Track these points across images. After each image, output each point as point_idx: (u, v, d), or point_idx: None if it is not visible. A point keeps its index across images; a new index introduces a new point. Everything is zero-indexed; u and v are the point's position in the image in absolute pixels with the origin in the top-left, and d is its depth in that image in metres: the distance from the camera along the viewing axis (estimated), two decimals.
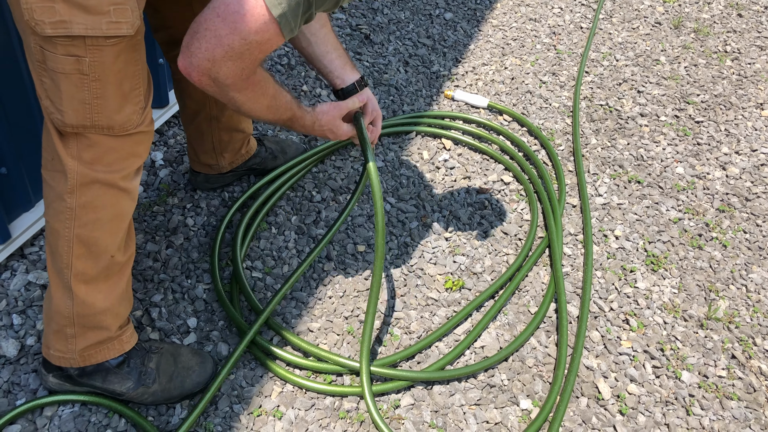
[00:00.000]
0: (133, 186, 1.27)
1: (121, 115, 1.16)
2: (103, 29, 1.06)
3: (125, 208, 1.28)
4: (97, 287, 1.30)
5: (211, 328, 1.65)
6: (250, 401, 1.51)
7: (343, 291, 1.80)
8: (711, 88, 2.84)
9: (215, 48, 1.10)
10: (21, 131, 1.58)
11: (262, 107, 1.29)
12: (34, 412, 1.42)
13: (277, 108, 1.33)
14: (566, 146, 2.44)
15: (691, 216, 2.18)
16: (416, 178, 2.21)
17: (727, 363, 1.72)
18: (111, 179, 1.22)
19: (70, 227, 1.24)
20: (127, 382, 1.42)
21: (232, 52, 1.11)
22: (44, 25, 1.03)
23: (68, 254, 1.26)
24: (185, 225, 1.90)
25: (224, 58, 1.11)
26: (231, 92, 1.20)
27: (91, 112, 1.13)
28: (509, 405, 1.57)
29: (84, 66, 1.09)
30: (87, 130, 1.16)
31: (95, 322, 1.33)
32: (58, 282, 1.30)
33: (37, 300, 1.63)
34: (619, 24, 3.32)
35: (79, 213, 1.23)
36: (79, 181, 1.20)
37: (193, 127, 1.81)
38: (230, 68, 1.14)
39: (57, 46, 1.06)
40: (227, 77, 1.15)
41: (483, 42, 3.06)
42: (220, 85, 1.17)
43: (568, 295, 1.86)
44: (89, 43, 1.07)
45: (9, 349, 1.51)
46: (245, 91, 1.21)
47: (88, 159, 1.19)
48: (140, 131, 1.22)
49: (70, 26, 1.04)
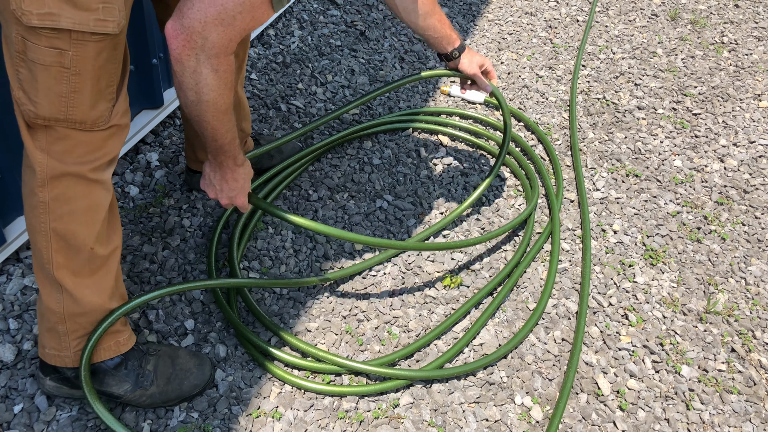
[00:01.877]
0: (104, 177, 1.27)
1: (95, 111, 1.18)
2: (91, 26, 1.08)
3: (99, 199, 1.28)
4: (83, 282, 1.30)
5: (208, 330, 1.65)
6: (248, 402, 1.51)
7: (341, 290, 1.79)
8: (708, 79, 2.83)
9: (209, 7, 1.12)
10: (14, 135, 1.57)
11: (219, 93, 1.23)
12: (31, 416, 1.42)
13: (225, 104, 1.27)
14: (563, 141, 2.43)
15: (689, 209, 2.17)
16: (413, 175, 2.20)
17: (726, 356, 1.72)
18: (80, 171, 1.22)
19: (45, 221, 1.24)
20: (124, 385, 1.41)
21: (225, 14, 1.13)
22: (31, 15, 1.04)
23: (47, 249, 1.26)
24: (182, 226, 1.90)
25: (216, 20, 1.13)
26: (207, 68, 1.17)
27: (66, 106, 1.14)
28: (508, 402, 1.57)
29: (66, 59, 1.10)
30: (59, 123, 1.16)
31: (86, 320, 1.32)
32: (44, 279, 1.30)
33: (33, 304, 1.62)
34: (616, 16, 3.30)
35: (53, 206, 1.23)
36: (49, 174, 1.20)
37: None
38: (219, 34, 1.14)
39: (41, 38, 1.07)
40: (214, 45, 1.15)
41: (479, 37, 3.05)
42: (202, 54, 1.15)
43: (566, 290, 1.85)
44: (74, 38, 1.08)
45: (6, 354, 1.51)
46: (220, 70, 1.19)
47: (58, 151, 1.19)
48: (112, 125, 1.22)
49: (58, 19, 1.05)
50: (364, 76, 2.63)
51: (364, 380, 1.58)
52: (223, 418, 1.47)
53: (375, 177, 2.16)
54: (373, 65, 2.71)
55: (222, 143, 1.35)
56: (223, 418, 1.47)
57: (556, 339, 1.72)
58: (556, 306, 1.80)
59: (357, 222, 1.99)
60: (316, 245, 1.90)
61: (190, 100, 1.23)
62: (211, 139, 1.34)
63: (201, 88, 1.20)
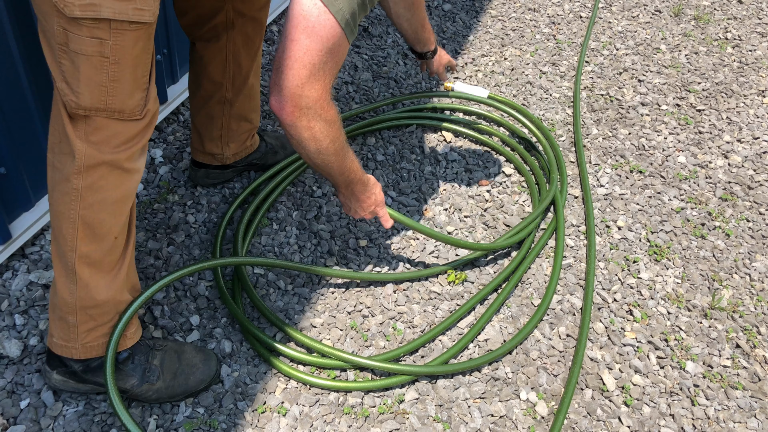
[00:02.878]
0: (137, 166, 1.30)
1: (132, 100, 1.21)
2: (129, 14, 1.11)
3: (129, 190, 1.31)
4: (99, 273, 1.31)
5: (214, 326, 1.65)
6: (254, 398, 1.51)
7: (346, 286, 1.79)
8: (712, 76, 2.83)
9: (299, 70, 1.22)
10: (20, 131, 1.57)
11: (334, 137, 1.35)
12: (37, 411, 1.42)
13: (341, 143, 1.39)
14: (567, 137, 2.43)
15: (693, 205, 2.17)
16: (417, 171, 2.20)
17: (731, 352, 1.72)
18: (117, 160, 1.25)
19: (75, 208, 1.26)
20: (131, 379, 1.41)
21: (314, 68, 1.23)
22: (74, 6, 1.07)
23: (73, 236, 1.27)
24: (186, 222, 1.90)
25: (310, 79, 1.24)
26: (317, 121, 1.29)
27: (106, 95, 1.17)
28: (514, 398, 1.57)
29: (106, 49, 1.12)
30: (99, 113, 1.19)
31: (97, 312, 1.33)
32: (61, 268, 1.31)
33: (39, 300, 1.62)
34: (619, 12, 3.30)
35: (85, 194, 1.25)
36: (87, 163, 1.22)
37: (204, 111, 1.82)
38: (317, 89, 1.26)
39: (82, 28, 1.10)
40: (316, 99, 1.26)
41: (482, 33, 3.04)
42: (308, 112, 1.27)
43: (571, 286, 1.86)
44: (114, 27, 1.11)
45: (12, 349, 1.51)
46: (329, 117, 1.31)
47: (96, 141, 1.22)
48: (146, 112, 1.25)
49: (99, 9, 1.08)
50: (367, 72, 2.63)
51: (369, 376, 1.58)
52: (228, 414, 1.48)
53: (379, 173, 2.16)
54: (376, 61, 2.71)
55: (349, 176, 1.48)
56: (228, 413, 1.48)
57: (561, 335, 1.73)
58: (561, 302, 1.80)
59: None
60: (321, 241, 1.90)
61: (312, 152, 1.35)
62: (339, 175, 1.46)
63: (318, 139, 1.32)
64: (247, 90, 1.83)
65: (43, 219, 1.71)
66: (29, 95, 1.56)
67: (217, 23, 1.68)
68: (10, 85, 1.50)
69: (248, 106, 1.87)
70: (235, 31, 1.70)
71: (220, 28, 1.69)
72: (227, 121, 1.86)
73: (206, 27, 1.68)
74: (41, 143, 1.65)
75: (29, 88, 1.55)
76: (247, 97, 1.84)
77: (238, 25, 1.70)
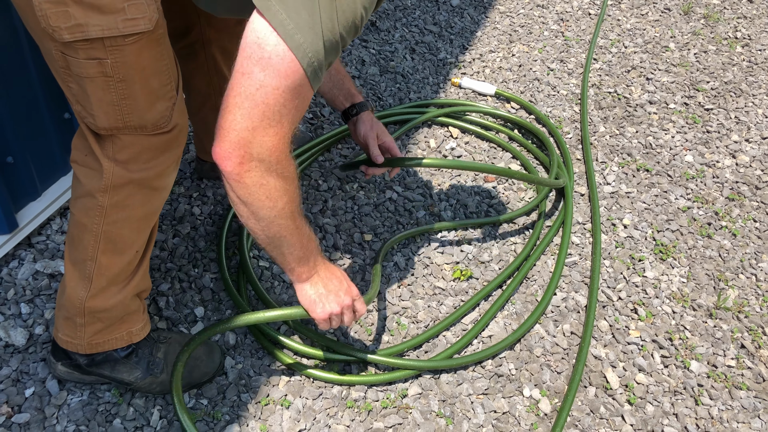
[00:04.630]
0: (166, 184, 1.26)
1: (152, 113, 1.14)
2: (120, 28, 1.02)
3: (155, 207, 1.28)
4: (116, 281, 1.30)
5: (218, 317, 1.65)
6: (257, 390, 1.51)
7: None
8: (721, 75, 2.81)
9: (251, 110, 1.01)
10: (27, 121, 1.57)
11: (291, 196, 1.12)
12: (42, 400, 1.43)
13: (298, 205, 1.16)
14: (574, 134, 2.42)
15: (700, 204, 2.16)
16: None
17: (736, 353, 1.71)
18: (146, 178, 1.20)
19: (99, 223, 1.23)
20: (135, 372, 1.42)
21: (269, 110, 1.02)
22: (61, 30, 1.01)
23: (94, 248, 1.25)
24: (192, 214, 1.90)
25: (263, 121, 1.02)
26: (273, 177, 1.06)
27: (121, 113, 1.11)
28: (517, 394, 1.57)
29: (107, 68, 1.06)
30: (120, 131, 1.14)
31: (106, 315, 1.33)
32: (74, 272, 1.29)
33: (44, 289, 1.63)
34: (628, 10, 3.28)
35: (110, 211, 1.22)
36: (114, 182, 1.18)
37: (199, 117, 1.81)
38: (272, 136, 1.04)
39: (78, 51, 1.03)
40: (271, 149, 1.04)
41: (490, 29, 3.03)
42: (261, 165, 1.04)
43: (576, 284, 1.85)
44: (108, 44, 1.03)
45: (17, 338, 1.52)
46: (287, 173, 1.08)
47: (124, 159, 1.17)
48: (174, 126, 1.19)
49: (86, 29, 1.01)
50: (375, 67, 2.62)
51: (373, 370, 1.58)
52: (232, 406, 1.48)
53: None
54: (383, 56, 2.70)
55: (309, 246, 1.22)
56: (232, 405, 1.48)
57: (565, 332, 1.72)
58: (566, 299, 1.80)
59: (366, 213, 1.99)
60: (326, 235, 1.90)
61: (263, 217, 1.10)
62: (298, 247, 1.19)
63: (273, 199, 1.08)
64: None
65: (49, 209, 1.72)
66: (36, 84, 1.56)
67: (193, 41, 1.61)
68: (17, 74, 1.50)
69: None
70: (213, 47, 1.64)
71: (197, 47, 1.63)
72: None
73: (180, 45, 1.59)
74: (48, 133, 1.65)
75: (36, 76, 1.55)
76: None
77: (215, 41, 1.64)
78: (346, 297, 1.29)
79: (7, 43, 1.45)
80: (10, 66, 1.47)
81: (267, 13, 0.99)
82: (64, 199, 1.75)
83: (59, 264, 1.67)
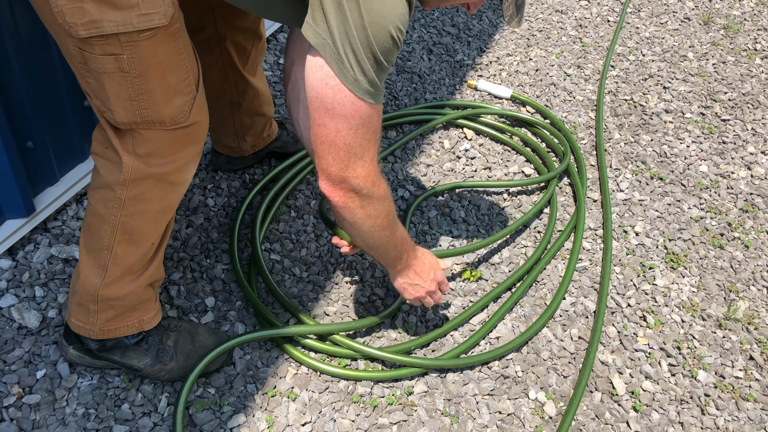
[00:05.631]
0: (185, 178, 1.27)
1: (170, 108, 1.14)
2: (134, 23, 1.03)
3: (173, 201, 1.29)
4: (131, 271, 1.32)
5: (228, 308, 1.67)
6: (264, 381, 1.53)
7: (360, 276, 1.80)
8: (739, 86, 2.80)
9: (337, 153, 1.17)
10: (48, 106, 1.59)
11: (387, 211, 1.30)
12: (53, 382, 1.45)
13: (394, 216, 1.34)
14: (589, 140, 2.42)
15: (713, 215, 2.15)
16: (436, 166, 2.20)
17: (744, 364, 1.71)
18: (165, 173, 1.21)
19: (116, 215, 1.24)
20: (144, 359, 1.43)
21: (352, 148, 1.17)
22: (77, 26, 1.01)
23: (110, 239, 1.26)
24: (206, 205, 1.92)
25: (351, 159, 1.18)
26: (367, 199, 1.24)
27: (139, 108, 1.12)
28: (522, 396, 1.57)
29: (123, 63, 1.06)
30: (139, 126, 1.15)
31: (119, 303, 1.34)
32: (89, 259, 1.31)
33: (59, 273, 1.65)
34: (647, 18, 3.27)
35: (128, 204, 1.23)
36: (133, 176, 1.19)
37: (215, 111, 1.82)
38: (362, 166, 1.20)
39: (94, 47, 1.04)
40: (365, 177, 1.21)
41: (508, 32, 3.03)
42: (359, 192, 1.22)
43: (585, 289, 1.85)
44: (123, 40, 1.04)
45: (31, 320, 1.54)
46: (380, 192, 1.25)
47: (143, 153, 1.18)
48: (193, 122, 1.20)
49: (101, 25, 1.01)
50: (392, 67, 2.63)
51: (380, 366, 1.59)
52: (239, 396, 1.49)
53: (398, 167, 2.17)
54: (400, 56, 2.71)
55: (402, 246, 1.41)
56: (239, 395, 1.49)
57: (573, 337, 1.72)
58: (575, 304, 1.80)
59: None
60: None
61: (365, 231, 1.30)
62: (393, 248, 1.39)
63: (372, 216, 1.27)
64: (252, 90, 1.80)
65: (66, 194, 1.74)
66: (59, 70, 1.58)
67: (208, 37, 1.62)
68: (40, 59, 1.53)
69: (258, 102, 1.85)
70: (227, 42, 1.66)
71: (212, 42, 1.64)
72: (239, 119, 1.85)
73: (194, 40, 1.55)
74: (68, 120, 1.67)
75: (59, 63, 1.57)
76: (254, 96, 1.82)
77: (229, 36, 1.65)
78: (432, 284, 1.50)
79: (31, 31, 1.47)
80: (32, 51, 1.49)
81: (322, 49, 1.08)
82: (81, 185, 1.77)
83: (74, 249, 1.70)
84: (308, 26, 1.09)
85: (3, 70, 1.44)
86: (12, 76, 1.46)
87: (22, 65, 1.47)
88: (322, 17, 1.07)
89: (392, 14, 1.06)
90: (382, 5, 1.05)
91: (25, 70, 1.48)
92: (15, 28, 1.42)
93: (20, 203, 1.60)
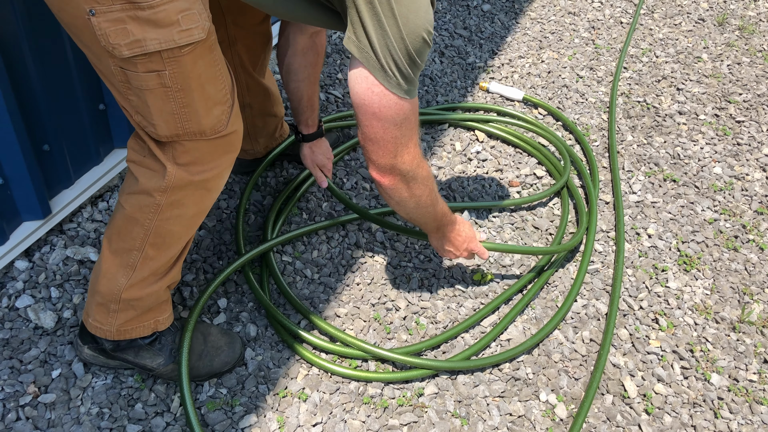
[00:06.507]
0: (221, 185, 1.31)
1: (210, 118, 1.18)
2: (176, 40, 1.07)
3: (206, 206, 1.33)
4: (156, 272, 1.35)
5: (240, 310, 1.68)
6: (276, 382, 1.54)
7: (371, 278, 1.81)
8: (754, 87, 2.77)
9: (386, 147, 1.29)
10: (64, 111, 1.62)
11: (430, 190, 1.44)
12: (68, 382, 1.47)
13: (436, 192, 1.48)
14: (601, 142, 2.41)
15: (727, 217, 2.14)
16: (447, 168, 2.21)
17: (758, 367, 1.69)
18: (204, 180, 1.25)
19: (152, 219, 1.27)
20: (158, 359, 1.45)
21: (398, 139, 1.29)
22: (121, 47, 1.05)
23: (143, 240, 1.29)
24: (218, 208, 1.93)
25: (398, 149, 1.30)
26: (413, 181, 1.37)
27: (181, 121, 1.16)
28: (533, 399, 1.57)
29: (165, 79, 1.10)
30: (181, 138, 1.18)
31: (140, 303, 1.37)
32: (115, 259, 1.33)
33: (74, 275, 1.67)
34: (661, 20, 3.25)
35: (165, 209, 1.26)
36: (175, 184, 1.23)
37: None
38: (408, 153, 1.33)
39: (137, 65, 1.08)
40: (410, 162, 1.34)
41: (520, 34, 3.03)
42: (406, 176, 1.36)
43: (597, 291, 1.84)
44: (166, 56, 1.08)
45: (46, 320, 1.56)
46: (423, 173, 1.39)
47: (185, 162, 1.22)
48: (231, 131, 1.23)
49: (144, 44, 1.05)
50: None
51: (390, 368, 1.59)
52: (250, 396, 1.50)
53: None
54: None
55: (442, 221, 1.56)
56: (250, 395, 1.50)
57: (585, 339, 1.72)
58: (586, 306, 1.80)
59: (389, 211, 2.00)
60: (348, 233, 1.92)
61: (411, 208, 1.45)
62: (433, 221, 1.54)
63: (417, 196, 1.41)
64: (263, 91, 1.83)
65: (81, 197, 1.77)
66: (75, 74, 1.60)
67: (219, 40, 1.59)
68: (56, 62, 1.55)
69: (269, 103, 1.87)
70: (238, 45, 1.69)
71: (223, 45, 1.66)
72: (251, 121, 1.87)
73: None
74: (84, 124, 1.70)
75: (75, 65, 1.59)
76: (265, 97, 1.85)
77: (240, 39, 1.68)
78: (464, 253, 1.67)
79: (48, 36, 1.49)
80: (48, 55, 1.52)
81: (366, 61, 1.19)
82: (96, 188, 1.80)
83: (89, 251, 1.72)
84: (350, 41, 1.19)
85: (21, 75, 1.46)
86: (29, 82, 1.48)
87: (39, 70, 1.49)
88: (363, 33, 1.17)
89: (424, 20, 1.17)
90: (415, 15, 1.16)
91: (42, 75, 1.51)
92: (32, 33, 1.44)
93: (37, 205, 1.63)
